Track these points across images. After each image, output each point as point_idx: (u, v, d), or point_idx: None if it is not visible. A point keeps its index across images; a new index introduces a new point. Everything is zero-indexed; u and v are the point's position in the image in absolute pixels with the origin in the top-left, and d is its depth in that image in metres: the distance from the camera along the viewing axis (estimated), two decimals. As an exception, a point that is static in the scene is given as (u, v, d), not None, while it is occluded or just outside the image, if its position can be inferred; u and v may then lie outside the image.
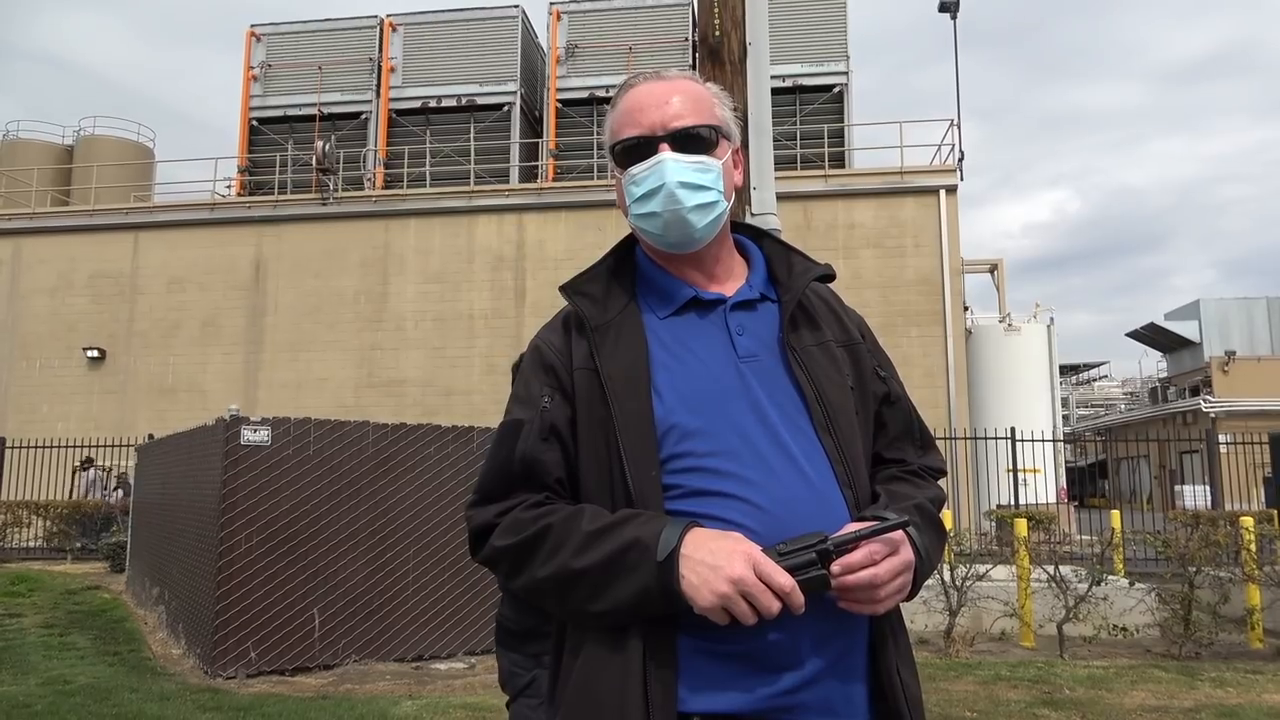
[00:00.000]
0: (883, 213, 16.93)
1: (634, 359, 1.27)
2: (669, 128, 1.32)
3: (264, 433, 6.87)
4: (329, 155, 18.44)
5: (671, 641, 1.17)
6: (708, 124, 1.34)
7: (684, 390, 1.25)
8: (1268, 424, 16.15)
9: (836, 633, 1.20)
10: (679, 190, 1.29)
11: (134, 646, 7.58)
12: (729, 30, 4.95)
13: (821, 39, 19.32)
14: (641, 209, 1.32)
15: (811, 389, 1.29)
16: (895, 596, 1.19)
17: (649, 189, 1.31)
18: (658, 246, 1.36)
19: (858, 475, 1.28)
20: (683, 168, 1.30)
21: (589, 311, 1.33)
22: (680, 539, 1.14)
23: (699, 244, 1.34)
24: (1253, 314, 26.55)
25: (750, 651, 1.16)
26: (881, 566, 1.16)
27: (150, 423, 16.90)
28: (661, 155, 1.31)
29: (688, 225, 1.31)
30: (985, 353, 17.60)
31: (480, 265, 17.84)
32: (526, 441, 1.28)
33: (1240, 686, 6.38)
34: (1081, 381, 46.05)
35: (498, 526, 1.27)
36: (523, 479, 1.28)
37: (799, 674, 1.17)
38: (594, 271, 1.39)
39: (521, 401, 1.33)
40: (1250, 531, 8.05)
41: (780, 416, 1.26)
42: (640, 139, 1.33)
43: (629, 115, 1.35)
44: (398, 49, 20.58)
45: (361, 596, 7.03)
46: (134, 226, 19.04)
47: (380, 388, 17.61)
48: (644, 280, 1.38)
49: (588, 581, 1.18)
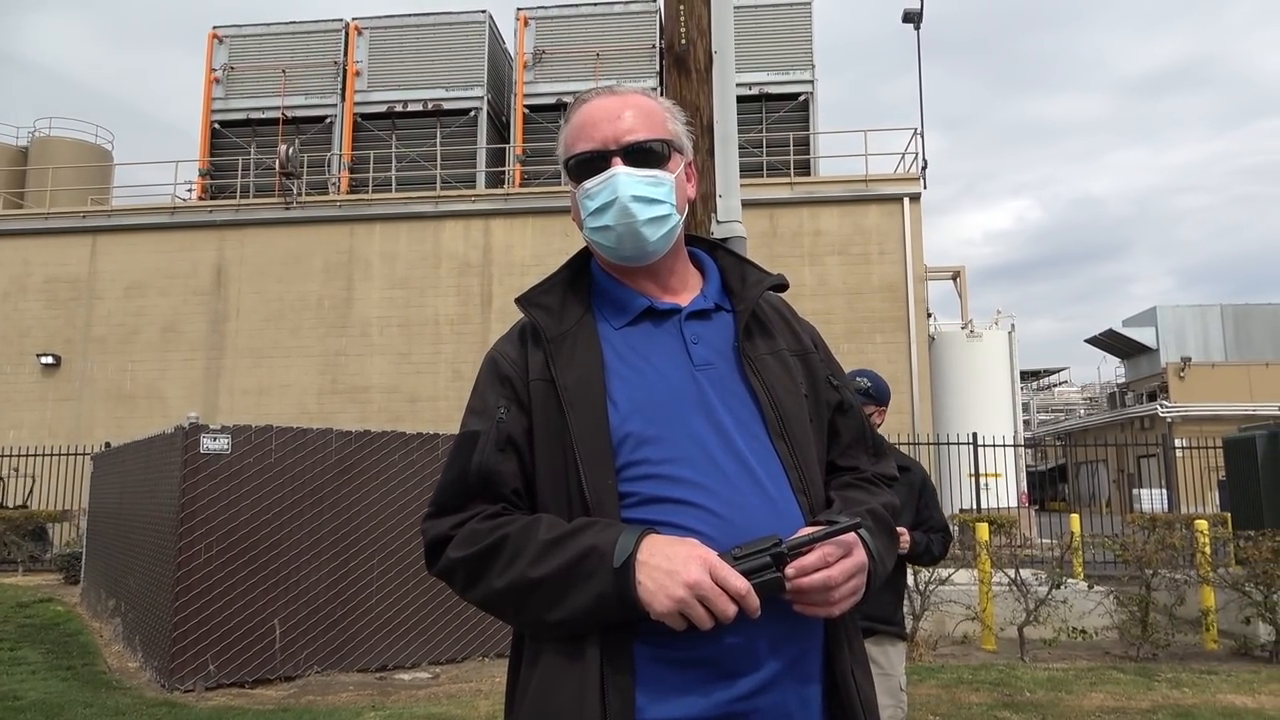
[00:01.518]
0: (847, 220, 17.09)
1: (589, 369, 1.28)
2: (621, 142, 1.34)
3: (224, 440, 6.77)
4: (293, 159, 18.24)
5: (628, 650, 1.17)
6: (660, 138, 1.36)
7: (639, 399, 1.26)
8: (1222, 428, 16.50)
9: (792, 637, 1.21)
10: (632, 204, 1.31)
11: (88, 660, 7.42)
12: (695, 38, 4.98)
13: (787, 47, 19.48)
14: (595, 222, 1.34)
15: (766, 396, 1.31)
16: (849, 599, 1.21)
17: (602, 203, 1.33)
18: (612, 259, 1.37)
19: (812, 481, 1.30)
20: (635, 181, 1.32)
21: (545, 323, 1.34)
22: (636, 545, 1.15)
23: (653, 257, 1.35)
24: (1208, 321, 27.14)
25: (707, 657, 1.17)
26: (835, 568, 1.18)
27: (108, 430, 16.57)
28: (614, 169, 1.33)
29: (641, 238, 1.32)
30: (948, 359, 17.82)
31: (446, 271, 17.73)
32: (483, 453, 1.29)
33: (1196, 687, 6.50)
34: (1042, 387, 46.78)
35: (453, 538, 1.27)
36: (479, 490, 1.28)
37: (755, 678, 1.18)
38: (549, 283, 1.41)
39: (477, 413, 1.34)
40: (1205, 535, 8.21)
41: (735, 423, 1.28)
42: (593, 153, 1.34)
43: (582, 130, 1.36)
44: (363, 52, 20.43)
45: (324, 606, 6.94)
46: (91, 230, 18.69)
47: (344, 394, 17.43)
48: (599, 291, 1.39)
49: (545, 590, 1.18)
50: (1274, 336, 26.84)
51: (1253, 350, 26.42)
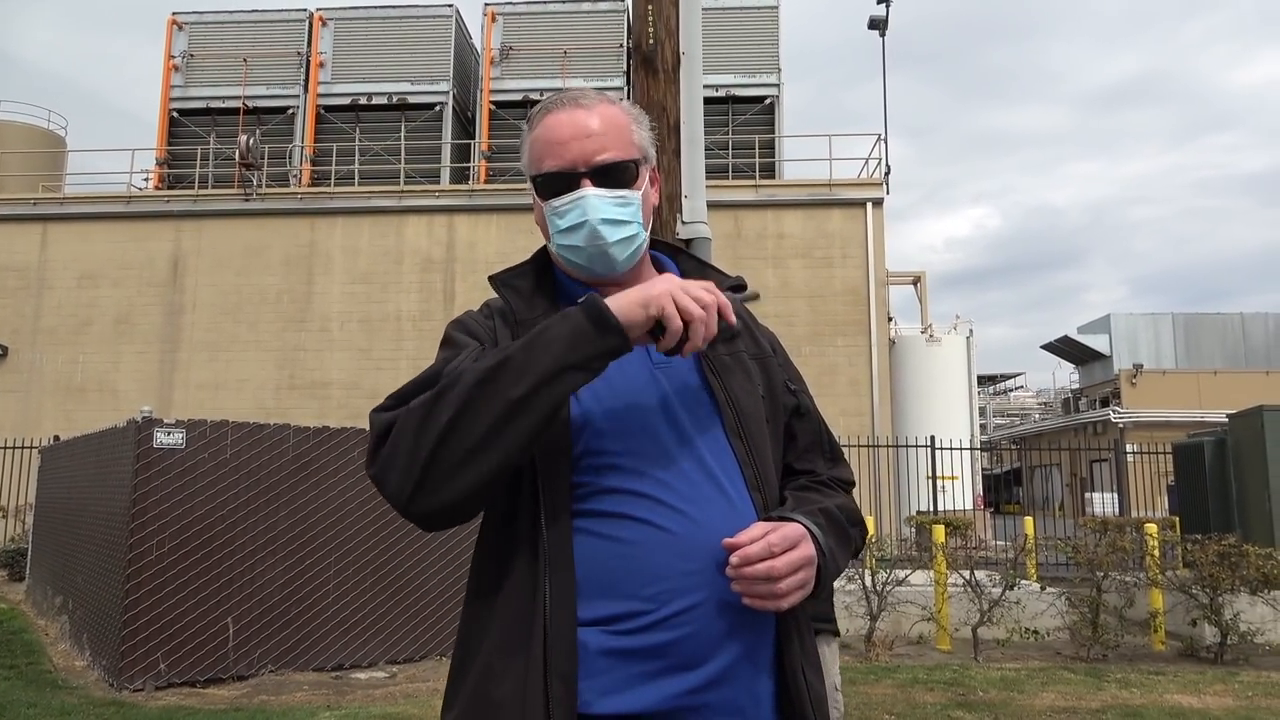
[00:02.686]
0: (811, 224, 17.22)
1: None
2: (591, 163, 1.33)
3: (178, 435, 6.65)
4: (253, 150, 17.95)
5: (572, 638, 1.16)
6: (629, 158, 1.36)
7: (600, 392, 1.26)
8: (1172, 434, 16.89)
9: (743, 631, 1.21)
10: (601, 227, 1.31)
11: (33, 659, 7.24)
12: (663, 39, 4.98)
13: (754, 50, 19.58)
14: (564, 240, 1.34)
15: (724, 394, 1.32)
16: (796, 593, 1.20)
17: (572, 224, 1.33)
18: (578, 275, 1.38)
19: (767, 479, 1.32)
20: (605, 204, 1.32)
21: (516, 304, 1.35)
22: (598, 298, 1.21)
23: (619, 273, 1.37)
24: (1159, 329, 27.74)
25: (658, 647, 1.16)
26: (780, 560, 1.17)
27: (56, 423, 16.18)
28: (584, 191, 1.32)
29: (610, 259, 1.34)
30: (907, 363, 18.04)
31: (409, 266, 17.57)
32: (461, 361, 1.23)
33: (1144, 687, 6.64)
34: (998, 392, 47.51)
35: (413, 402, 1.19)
36: None
37: (707, 671, 1.18)
38: (523, 269, 1.42)
39: (452, 345, 1.31)
40: (1154, 538, 8.40)
41: (692, 421, 1.29)
42: (561, 173, 1.34)
43: (549, 146, 1.35)
44: (327, 44, 20.17)
45: (279, 605, 6.84)
46: (42, 218, 18.23)
47: (303, 390, 17.19)
48: (562, 290, 1.40)
49: (510, 367, 1.16)
50: (1223, 345, 27.53)
51: (1202, 359, 27.07)
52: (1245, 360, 27.11)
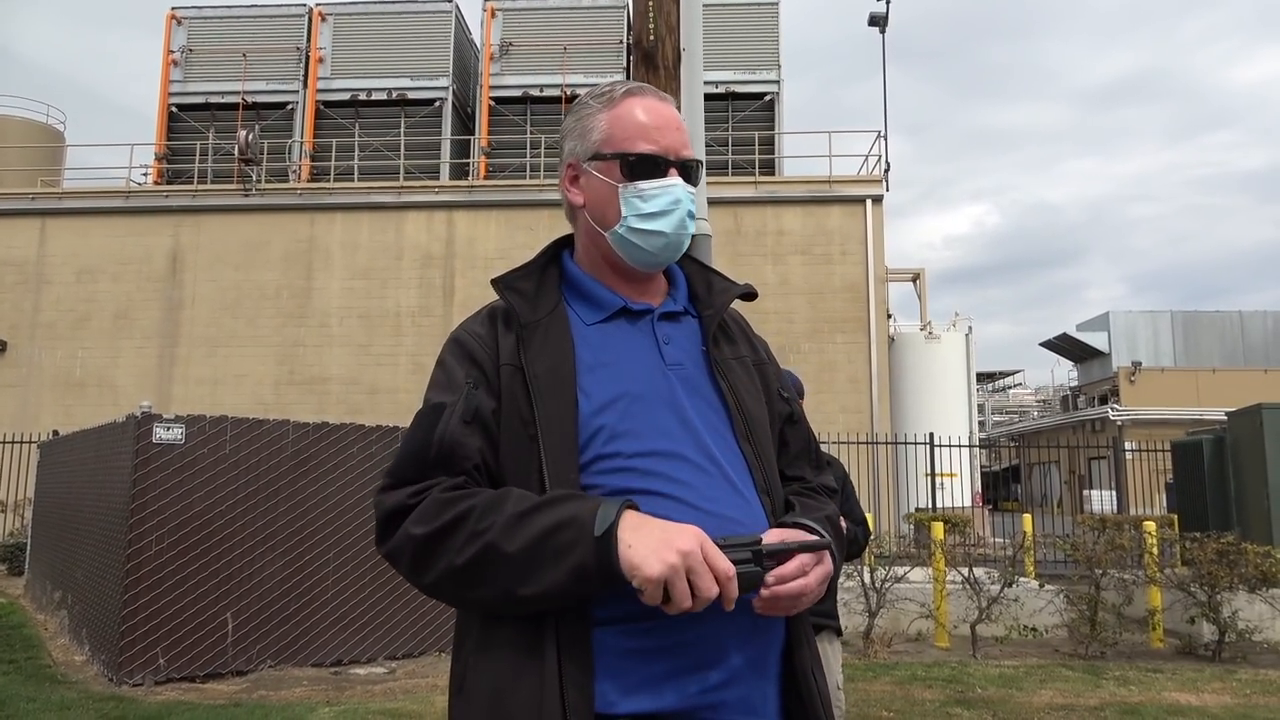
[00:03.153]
0: (810, 220, 17.21)
1: (560, 360, 1.28)
2: (681, 155, 1.37)
3: (177, 431, 6.64)
4: (252, 145, 17.93)
5: (586, 641, 1.16)
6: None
7: (613, 392, 1.26)
8: (1171, 432, 16.90)
9: (755, 631, 1.22)
10: (689, 220, 1.36)
11: (32, 653, 7.24)
12: (664, 35, 4.98)
13: (754, 47, 19.55)
14: (647, 225, 1.34)
15: (733, 399, 1.33)
16: (811, 603, 1.24)
17: (660, 209, 1.34)
18: (633, 262, 1.36)
19: (774, 483, 1.33)
20: (691, 198, 1.36)
21: (520, 308, 1.33)
22: (618, 516, 1.13)
23: (663, 266, 1.40)
24: (1158, 326, 27.77)
25: (677, 647, 1.17)
26: (810, 577, 1.20)
27: (55, 418, 16.17)
28: (675, 180, 1.35)
29: (679, 250, 1.38)
30: (906, 360, 18.04)
31: (409, 262, 17.56)
32: (447, 424, 1.25)
33: (1142, 685, 6.65)
34: (997, 389, 47.54)
35: (413, 510, 1.21)
36: (441, 463, 1.23)
37: (722, 671, 1.18)
38: (527, 269, 1.40)
39: (442, 387, 1.31)
40: (1153, 536, 8.41)
41: (704, 423, 1.29)
42: (659, 158, 1.35)
43: (642, 129, 1.35)
44: (327, 39, 20.14)
45: (278, 600, 6.84)
46: (41, 212, 18.21)
47: (302, 385, 17.18)
48: (571, 287, 1.39)
49: (516, 564, 1.14)
50: (1221, 343, 27.56)
51: (1201, 356, 27.09)
52: (1244, 358, 27.13)
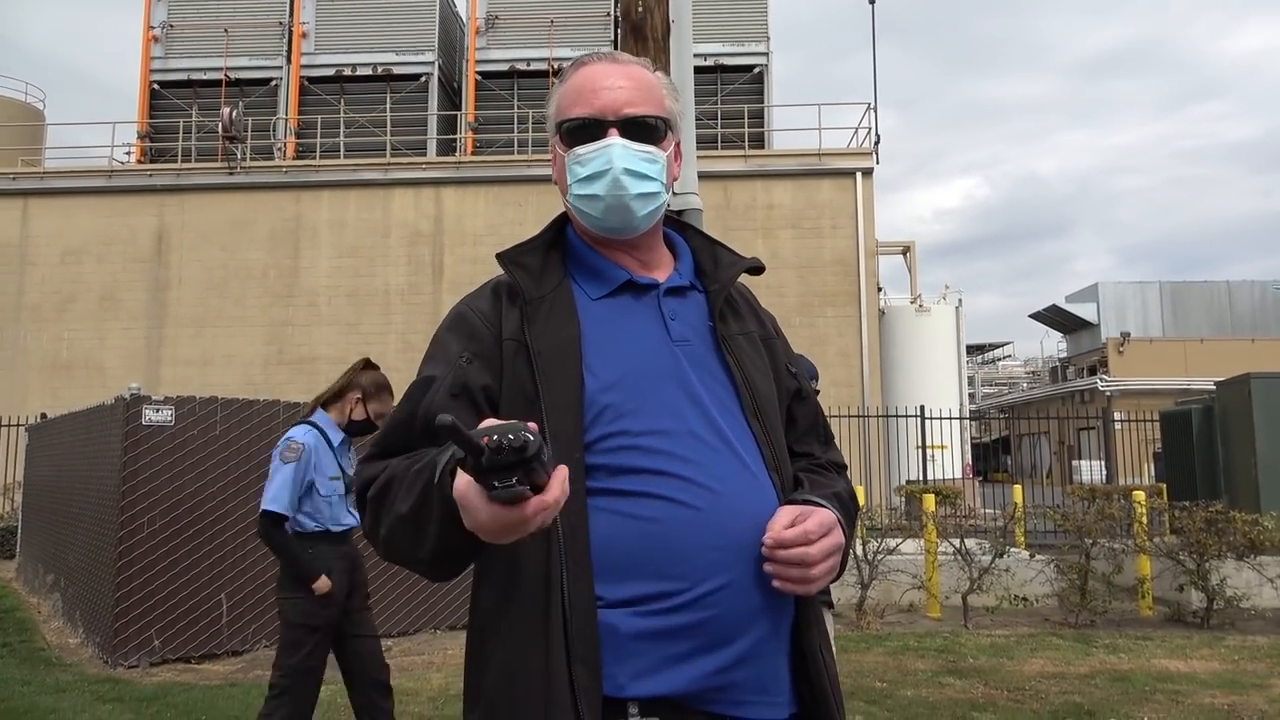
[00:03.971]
0: (800, 194, 17.15)
1: (566, 336, 1.26)
2: (620, 113, 1.31)
3: (167, 412, 6.60)
4: (236, 122, 17.74)
5: (593, 621, 1.15)
6: (658, 114, 1.34)
7: (620, 369, 1.25)
8: (1159, 402, 17.00)
9: (769, 609, 1.21)
10: (624, 177, 1.29)
11: (25, 637, 7.23)
12: (652, 6, 4.92)
13: (743, 19, 19.39)
14: (584, 190, 1.31)
15: (741, 375, 1.31)
16: (825, 578, 1.21)
17: (594, 171, 1.30)
18: (593, 229, 1.35)
19: (783, 460, 1.31)
20: (630, 155, 1.30)
21: (525, 283, 1.31)
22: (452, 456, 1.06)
23: (635, 232, 1.34)
24: (1146, 297, 27.88)
25: (686, 627, 1.16)
26: (814, 546, 1.18)
27: (43, 400, 16.07)
28: (611, 140, 1.30)
29: (629, 212, 1.31)
30: (897, 333, 18.07)
31: (396, 240, 17.44)
32: (435, 395, 1.24)
33: (1131, 653, 6.73)
34: (987, 361, 47.77)
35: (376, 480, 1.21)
36: (424, 435, 1.22)
37: (735, 650, 1.17)
38: (532, 244, 1.37)
39: (435, 359, 1.30)
40: (1141, 505, 8.47)
41: (713, 400, 1.27)
42: (590, 119, 1.31)
43: (579, 94, 1.33)
44: (310, 14, 19.87)
45: (272, 580, 6.78)
46: (23, 193, 18.00)
47: (291, 365, 17.11)
48: (576, 260, 1.37)
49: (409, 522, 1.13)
50: (1209, 313, 27.70)
51: (1189, 326, 27.23)
52: (1231, 328, 27.28)
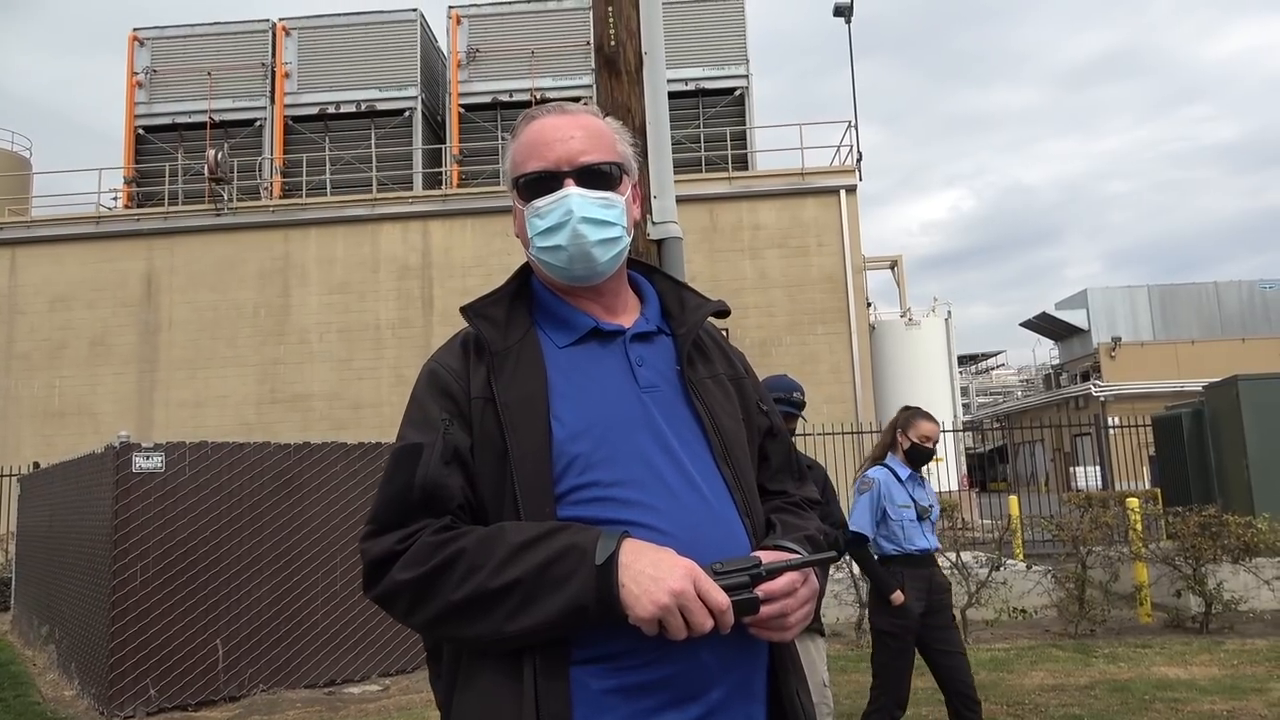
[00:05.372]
0: (785, 213, 17.25)
1: (533, 388, 1.26)
2: (575, 163, 1.33)
3: (157, 459, 6.59)
4: (222, 164, 17.81)
5: (564, 676, 1.15)
6: (611, 161, 1.36)
7: (588, 418, 1.25)
8: (1153, 406, 17.05)
9: (740, 658, 1.21)
10: (583, 225, 1.30)
11: (20, 691, 7.17)
12: (624, 40, 4.96)
13: (721, 42, 19.57)
14: (545, 242, 1.32)
15: (709, 420, 1.31)
16: (800, 625, 1.23)
17: (553, 223, 1.31)
18: (559, 279, 1.36)
19: (754, 505, 1.31)
20: (588, 203, 1.31)
21: (490, 335, 1.31)
22: (618, 546, 1.13)
23: (600, 278, 1.35)
24: (1135, 302, 28.00)
25: (660, 681, 1.16)
26: (794, 598, 1.20)
27: (36, 449, 16.01)
28: (567, 190, 1.32)
29: (592, 259, 1.32)
30: (888, 347, 18.12)
31: (386, 274, 17.49)
32: (428, 466, 1.24)
33: (1131, 661, 6.72)
34: (980, 370, 47.84)
35: (400, 555, 1.20)
36: (423, 506, 1.23)
37: (706, 701, 1.18)
38: (497, 295, 1.38)
39: (418, 425, 1.29)
40: (1136, 512, 8.48)
41: (682, 446, 1.27)
42: (545, 173, 1.33)
43: (533, 148, 1.35)
44: (292, 54, 20.01)
45: (268, 623, 6.81)
46: (11, 242, 18.02)
47: (285, 403, 17.09)
48: (543, 309, 1.37)
49: (513, 596, 1.14)
50: (1199, 315, 27.82)
51: (1179, 329, 27.34)
52: (1221, 328, 27.40)
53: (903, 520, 4.30)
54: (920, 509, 4.32)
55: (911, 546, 4.29)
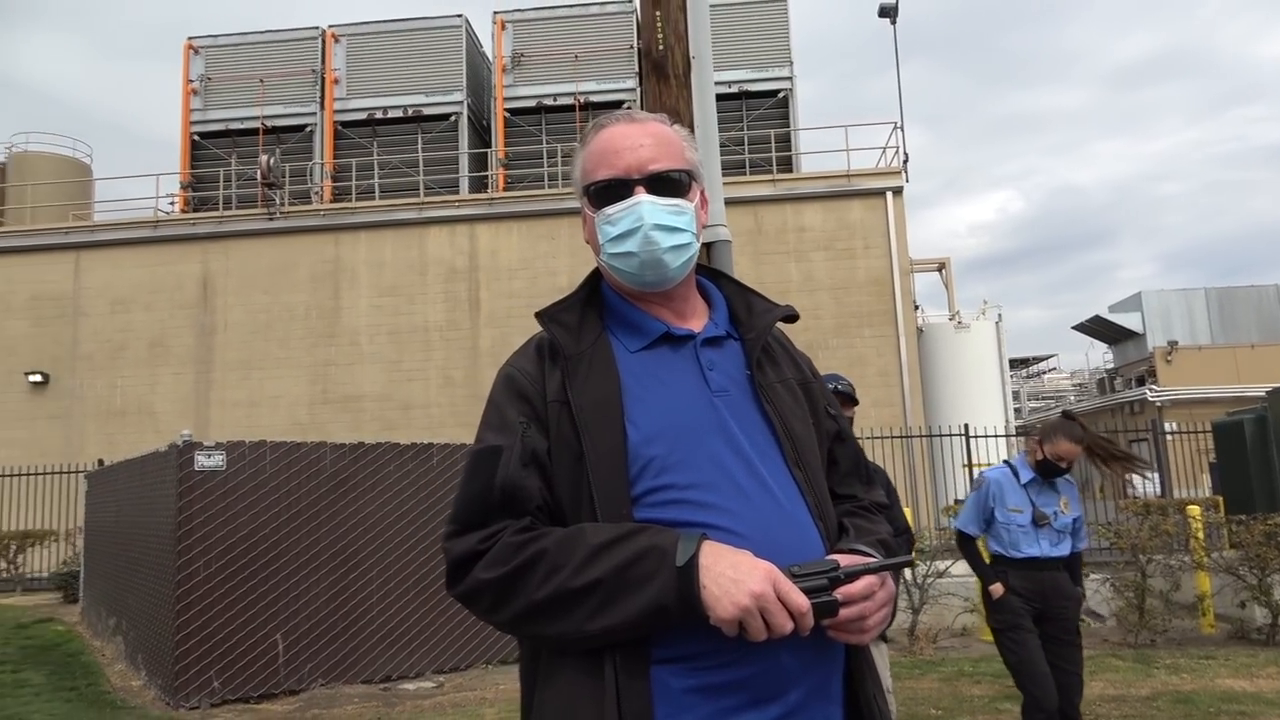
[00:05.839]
0: (831, 215, 17.14)
1: (607, 391, 1.28)
2: (645, 171, 1.34)
3: (218, 457, 6.76)
4: (274, 169, 18.16)
5: (644, 675, 1.17)
6: (681, 168, 1.37)
7: (661, 422, 1.26)
8: (1211, 411, 16.63)
9: (817, 661, 1.22)
10: (654, 232, 1.32)
11: (91, 680, 7.39)
12: (672, 44, 4.99)
13: (765, 45, 19.52)
14: (617, 248, 1.34)
15: (781, 424, 1.32)
16: (878, 628, 1.23)
17: (625, 229, 1.33)
18: (630, 285, 1.37)
19: (826, 508, 1.32)
20: (659, 210, 1.33)
21: (564, 340, 1.33)
22: (698, 548, 1.15)
23: (671, 283, 1.37)
24: (1192, 305, 27.34)
25: (740, 681, 1.17)
26: (873, 601, 1.21)
27: (100, 447, 16.45)
28: (639, 197, 1.34)
29: (663, 265, 1.34)
30: (936, 350, 17.89)
31: (433, 277, 17.70)
32: (508, 468, 1.26)
33: (1194, 672, 6.57)
34: (1032, 375, 47.03)
35: (483, 555, 1.23)
36: (503, 506, 1.25)
37: (785, 703, 1.19)
38: (569, 301, 1.40)
39: (495, 428, 1.31)
40: (1197, 520, 8.29)
41: (754, 450, 1.29)
42: (616, 180, 1.35)
43: (603, 156, 1.37)
44: (341, 60, 20.35)
45: (325, 619, 6.94)
46: (74, 246, 18.55)
47: (336, 404, 17.37)
48: (613, 314, 1.39)
49: (595, 596, 1.16)
50: (1259, 318, 27.08)
51: (1238, 332, 26.65)
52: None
53: (1010, 524, 4.16)
54: (1037, 514, 4.13)
55: (1016, 552, 4.14)
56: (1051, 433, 4.18)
